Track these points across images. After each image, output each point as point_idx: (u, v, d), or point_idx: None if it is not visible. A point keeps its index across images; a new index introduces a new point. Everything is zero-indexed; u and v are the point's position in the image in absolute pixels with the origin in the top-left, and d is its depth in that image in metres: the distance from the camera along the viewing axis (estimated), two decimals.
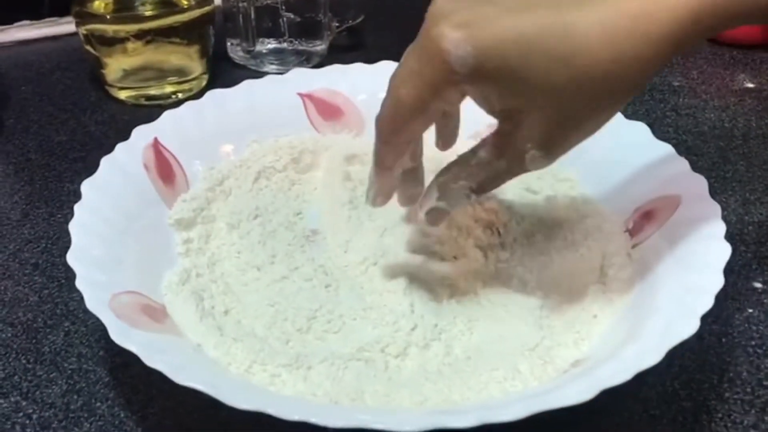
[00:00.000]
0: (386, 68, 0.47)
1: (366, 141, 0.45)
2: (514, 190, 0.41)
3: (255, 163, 0.42)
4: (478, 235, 0.38)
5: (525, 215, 0.39)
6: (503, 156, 0.31)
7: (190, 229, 0.38)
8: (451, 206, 0.33)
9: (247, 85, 0.44)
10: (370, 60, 0.47)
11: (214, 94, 0.43)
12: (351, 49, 0.60)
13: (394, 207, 0.40)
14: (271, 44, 0.57)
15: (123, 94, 0.52)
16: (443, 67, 0.28)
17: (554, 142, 0.29)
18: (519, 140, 0.29)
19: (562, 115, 0.28)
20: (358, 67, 0.47)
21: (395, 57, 0.50)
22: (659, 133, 0.41)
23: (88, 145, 0.48)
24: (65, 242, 0.33)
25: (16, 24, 0.61)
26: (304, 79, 0.46)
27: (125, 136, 0.39)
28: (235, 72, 0.56)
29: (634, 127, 0.41)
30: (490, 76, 0.28)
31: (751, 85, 0.55)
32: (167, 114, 0.41)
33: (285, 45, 0.57)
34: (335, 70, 0.47)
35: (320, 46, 0.58)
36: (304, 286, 0.36)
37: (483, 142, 0.31)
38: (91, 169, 0.38)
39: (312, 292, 0.35)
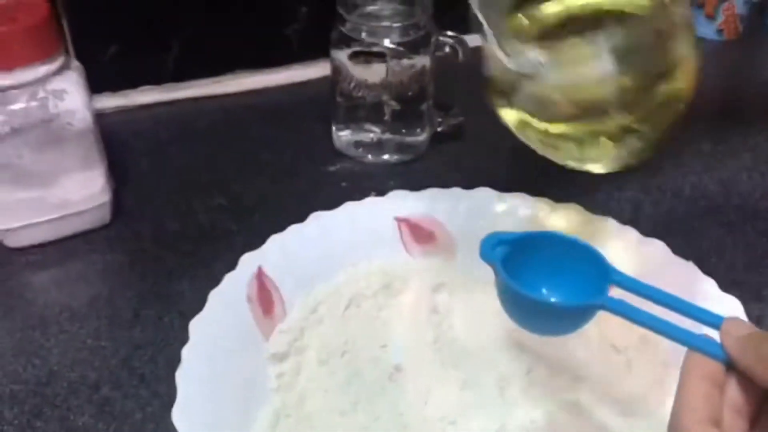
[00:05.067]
0: (483, 194, 0.49)
1: (456, 266, 0.47)
2: None
3: (347, 289, 0.44)
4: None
5: None
6: None
7: (283, 361, 0.40)
8: None
9: (348, 207, 0.47)
10: (469, 165, 0.52)
11: (318, 217, 0.46)
12: (452, 138, 0.61)
13: (475, 354, 0.42)
14: (374, 134, 0.59)
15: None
16: None
17: None
18: None
19: None
20: (455, 192, 0.48)
21: (495, 147, 0.55)
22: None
23: (198, 237, 0.51)
24: (170, 352, 0.37)
25: (139, 88, 0.65)
26: (402, 202, 0.48)
27: (227, 231, 0.48)
28: (337, 160, 0.59)
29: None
30: None
31: None
32: (273, 239, 0.44)
33: (387, 135, 0.59)
34: (433, 194, 0.48)
35: (422, 137, 0.60)
36: None
37: None
38: (197, 267, 0.47)
39: None
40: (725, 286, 0.48)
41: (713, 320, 0.30)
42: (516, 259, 0.34)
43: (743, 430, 0.28)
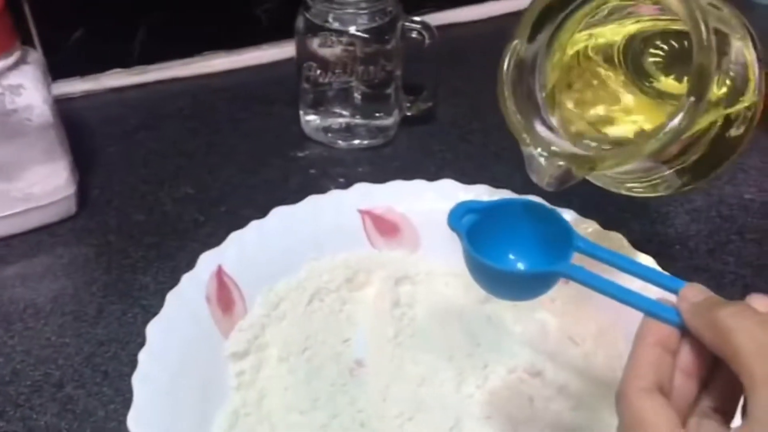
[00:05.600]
0: (446, 186, 0.49)
1: (419, 258, 0.47)
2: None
3: (310, 283, 0.45)
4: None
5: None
6: None
7: (243, 358, 0.41)
8: None
9: (311, 201, 0.47)
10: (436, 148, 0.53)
11: (280, 212, 0.46)
12: (422, 122, 0.61)
13: (434, 349, 0.43)
14: (343, 119, 0.59)
15: None
16: None
17: None
18: None
19: None
20: (419, 184, 0.48)
21: (465, 130, 0.58)
22: None
23: (163, 229, 0.51)
24: (133, 349, 0.39)
25: (107, 72, 0.64)
26: (365, 194, 0.48)
27: (194, 222, 0.49)
28: (306, 145, 0.59)
29: None
30: None
31: None
32: (233, 236, 0.44)
33: (357, 120, 0.59)
34: (396, 186, 0.48)
35: (390, 121, 0.59)
36: None
37: None
38: (161, 260, 0.48)
39: None
40: (687, 273, 0.49)
41: (676, 286, 0.30)
42: (485, 225, 0.35)
43: (692, 393, 0.28)
